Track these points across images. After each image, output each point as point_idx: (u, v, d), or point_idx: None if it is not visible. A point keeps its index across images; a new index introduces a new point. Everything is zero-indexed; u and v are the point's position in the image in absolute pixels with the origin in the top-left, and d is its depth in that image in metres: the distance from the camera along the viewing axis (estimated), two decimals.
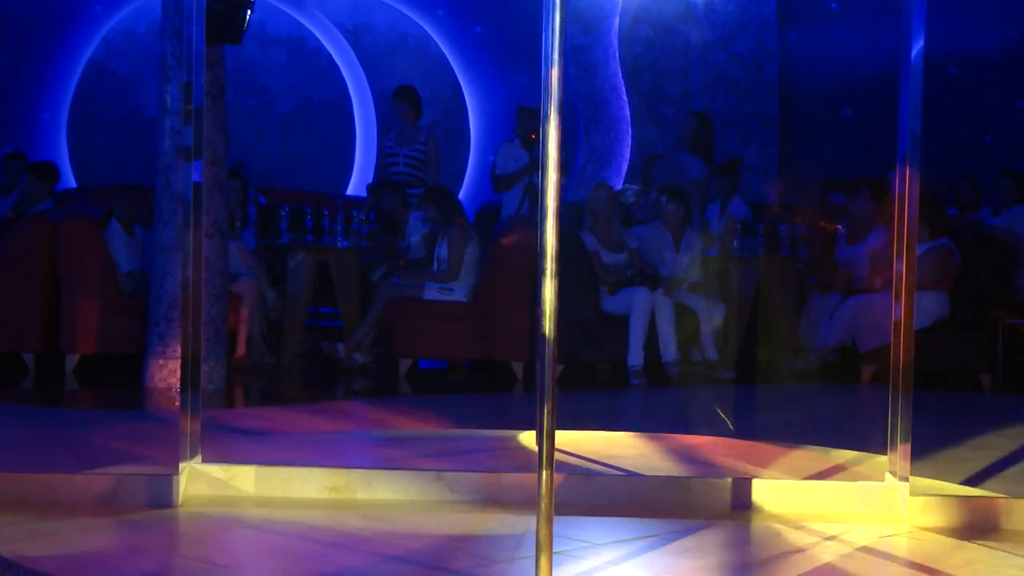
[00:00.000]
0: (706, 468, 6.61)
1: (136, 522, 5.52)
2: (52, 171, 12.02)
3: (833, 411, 9.45)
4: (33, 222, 10.73)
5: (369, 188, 12.61)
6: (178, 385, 6.21)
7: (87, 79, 15.35)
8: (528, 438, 7.14)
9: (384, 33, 15.94)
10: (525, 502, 5.60)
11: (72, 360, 10.18)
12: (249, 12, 8.37)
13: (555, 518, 4.43)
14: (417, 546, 5.20)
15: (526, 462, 5.92)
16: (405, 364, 10.55)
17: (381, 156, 13.08)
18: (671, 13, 15.14)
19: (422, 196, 11.38)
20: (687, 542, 5.39)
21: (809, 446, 7.29)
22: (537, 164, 3.94)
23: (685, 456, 6.91)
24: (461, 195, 15.03)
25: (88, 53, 15.29)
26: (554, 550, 4.46)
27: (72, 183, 14.73)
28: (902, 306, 5.75)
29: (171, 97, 9.10)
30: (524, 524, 5.34)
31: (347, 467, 6.09)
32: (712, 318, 10.85)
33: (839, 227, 11.65)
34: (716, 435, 7.69)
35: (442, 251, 10.85)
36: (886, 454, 6.01)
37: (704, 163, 12.60)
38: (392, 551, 5.12)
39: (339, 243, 11.19)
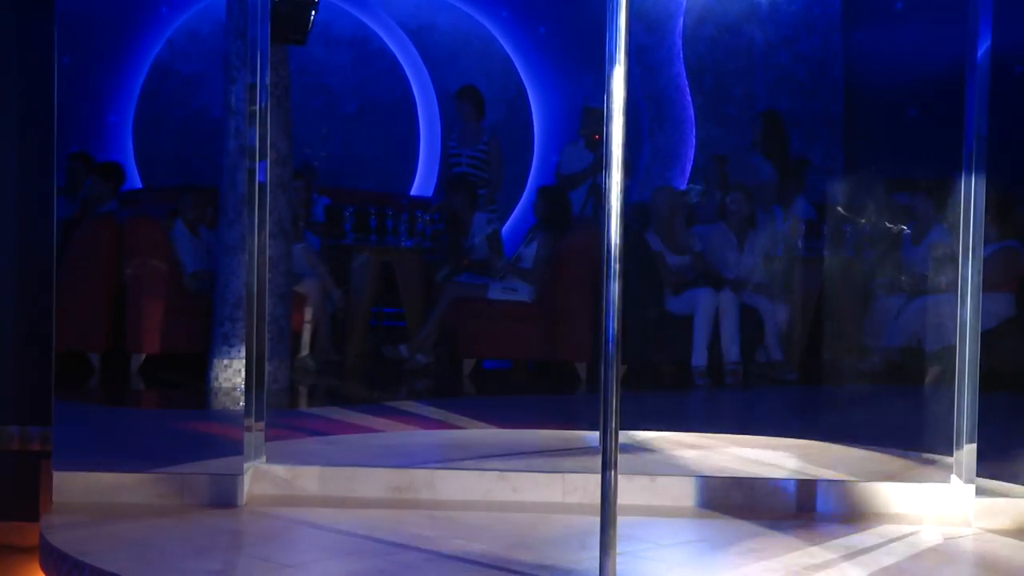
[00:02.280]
0: (770, 469, 6.58)
1: (201, 522, 5.55)
2: (118, 171, 12.08)
3: (898, 412, 9.38)
4: (99, 222, 10.79)
5: (438, 187, 12.62)
6: (242, 385, 6.23)
7: (152, 80, 15.42)
8: (592, 439, 7.13)
9: (448, 33, 15.94)
10: (589, 503, 5.60)
11: (137, 360, 10.24)
12: (313, 13, 8.40)
13: (619, 519, 4.42)
14: (481, 546, 5.20)
15: (590, 463, 5.91)
16: (468, 364, 10.55)
17: (444, 156, 13.07)
18: (735, 13, 15.06)
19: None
20: (752, 543, 5.37)
21: (874, 447, 7.24)
22: (601, 164, 3.93)
23: (749, 457, 6.88)
24: (524, 195, 15.01)
25: (153, 54, 15.36)
26: (618, 551, 4.45)
27: (138, 183, 14.81)
28: (968, 307, 5.71)
29: (236, 98, 9.13)
30: (588, 525, 5.33)
31: (410, 467, 6.10)
32: (776, 319, 10.79)
33: (904, 227, 11.56)
34: (780, 436, 7.65)
35: (530, 250, 10.82)
36: (951, 456, 5.96)
37: (774, 165, 12.53)
38: (455, 551, 5.12)
39: (403, 243, 11.20)
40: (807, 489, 5.92)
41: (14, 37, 6.71)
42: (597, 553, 4.44)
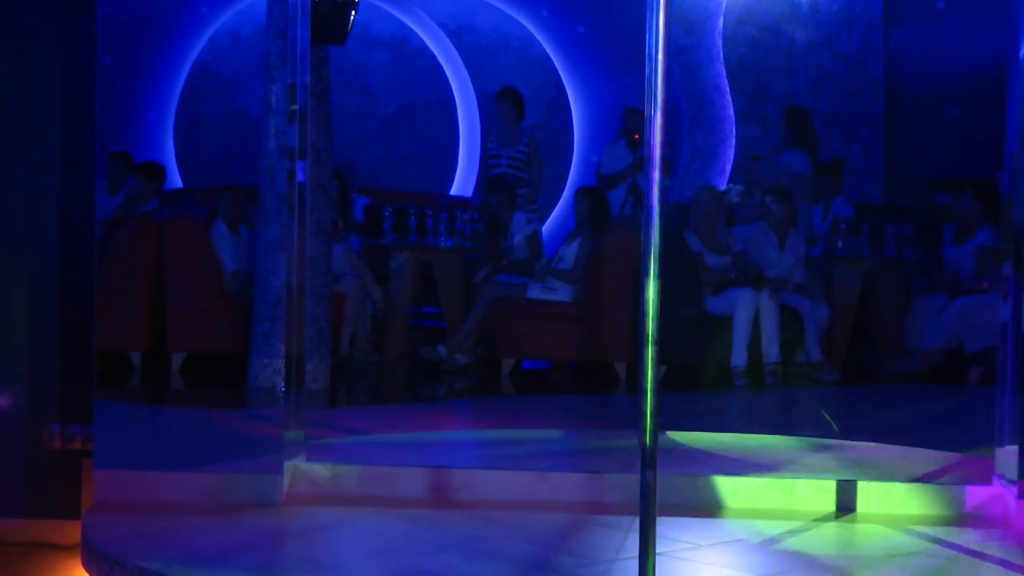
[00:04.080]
0: (810, 469, 6.56)
1: (241, 520, 5.57)
2: (159, 171, 12.12)
3: (939, 413, 9.35)
4: (139, 222, 10.84)
5: (477, 187, 12.63)
6: (282, 384, 6.24)
7: (193, 80, 15.47)
8: (631, 439, 7.12)
9: (487, 34, 15.95)
10: (628, 503, 5.59)
11: (178, 359, 10.27)
12: (353, 13, 8.41)
13: (658, 518, 4.41)
14: (520, 546, 5.20)
15: (629, 463, 5.90)
16: (508, 364, 10.56)
17: (484, 157, 13.09)
18: (776, 14, 15.03)
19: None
20: (792, 544, 5.35)
21: (915, 448, 7.21)
22: (641, 164, 3.93)
23: (789, 457, 6.86)
24: (564, 196, 15.02)
25: (194, 54, 15.41)
26: (657, 551, 4.44)
27: (178, 183, 14.87)
28: (1010, 307, 5.68)
29: (276, 98, 9.15)
30: (627, 525, 5.33)
31: (450, 467, 6.11)
32: (817, 319, 10.76)
33: (946, 227, 11.52)
34: (821, 436, 7.62)
35: (570, 251, 10.82)
36: (993, 457, 5.93)
37: (807, 156, 12.50)
38: (495, 551, 5.12)
39: (442, 243, 11.21)
40: (847, 490, 5.90)
41: (57, 37, 6.75)
42: (636, 553, 4.43)
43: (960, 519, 5.79)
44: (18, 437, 6.49)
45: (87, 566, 5.28)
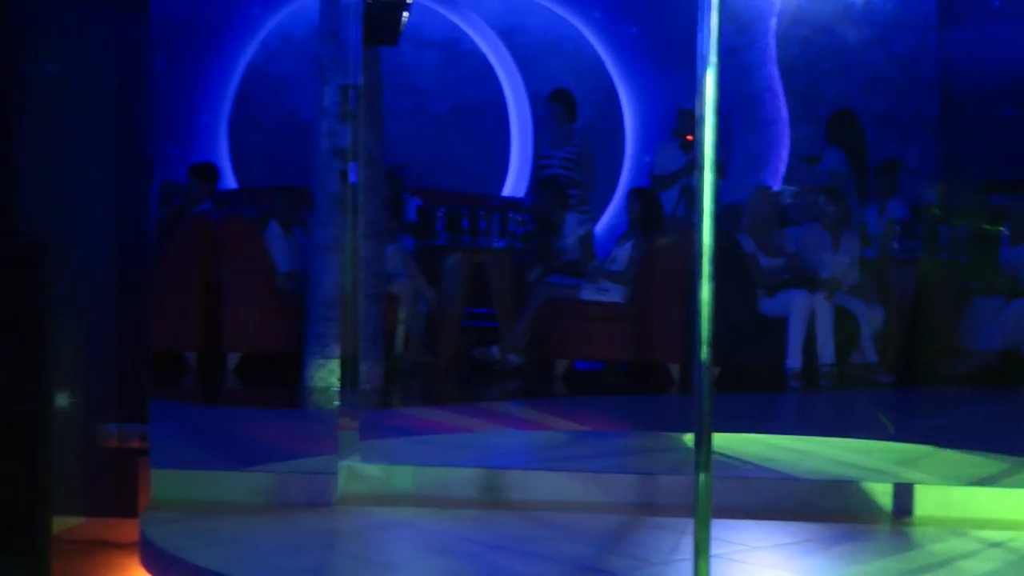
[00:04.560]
0: (865, 472, 6.53)
1: (296, 519, 5.59)
2: (212, 172, 12.17)
3: (996, 415, 9.28)
4: (193, 223, 10.89)
5: (529, 188, 12.63)
6: (336, 385, 6.26)
7: (246, 81, 15.54)
8: (684, 440, 7.10)
9: (539, 35, 15.95)
10: (681, 504, 5.58)
11: (233, 359, 10.31)
12: (405, 14, 8.43)
13: (712, 520, 4.40)
14: (573, 547, 5.20)
15: (682, 464, 5.88)
16: (560, 365, 10.55)
17: (536, 158, 13.09)
18: (828, 14, 14.97)
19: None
20: (846, 547, 5.33)
21: (972, 451, 7.16)
22: (694, 165, 3.93)
23: (844, 460, 6.83)
24: (616, 197, 15.00)
25: (247, 56, 15.47)
26: (711, 552, 4.43)
27: (232, 184, 14.93)
28: None
29: (328, 99, 9.17)
30: (681, 526, 5.32)
31: (503, 468, 6.11)
32: (871, 320, 10.71)
33: (1002, 228, 11.44)
34: (876, 439, 7.58)
35: (623, 252, 10.81)
36: None
37: (842, 154, 12.44)
38: (547, 552, 5.12)
39: (495, 244, 11.21)
40: (904, 493, 5.87)
41: (111, 39, 6.78)
42: (690, 555, 4.42)
43: (1019, 523, 5.74)
44: (76, 436, 6.53)
45: (145, 564, 5.31)
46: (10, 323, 5.85)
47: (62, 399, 6.45)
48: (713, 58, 4.37)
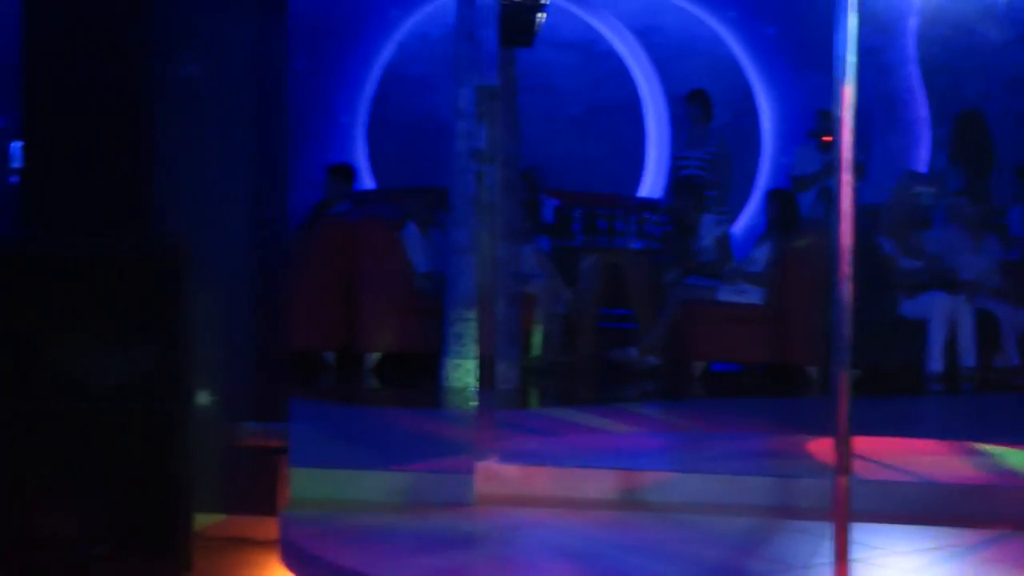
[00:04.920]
0: (1010, 477, 6.43)
1: (433, 519, 5.61)
2: (351, 172, 12.27)
3: None
4: (332, 223, 10.98)
5: (666, 189, 12.60)
6: (473, 385, 6.28)
7: (383, 83, 15.64)
8: (823, 443, 7.04)
9: (675, 35, 15.90)
10: (820, 508, 5.53)
11: (371, 359, 10.39)
12: (541, 15, 8.43)
13: (853, 525, 4.36)
14: (710, 550, 5.17)
15: (821, 467, 5.83)
16: (698, 366, 10.51)
17: (673, 159, 13.07)
18: (970, 13, 14.77)
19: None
20: (990, 553, 5.25)
21: None
22: (832, 166, 3.90)
23: (987, 464, 6.74)
24: (753, 198, 14.93)
25: (384, 57, 15.58)
26: (852, 557, 4.39)
27: (370, 185, 15.04)
28: None
29: (464, 100, 9.21)
30: (819, 530, 5.26)
31: (640, 469, 6.09)
32: (1014, 323, 10.55)
33: None
34: (1021, 444, 7.45)
35: (762, 253, 10.75)
36: None
37: (960, 171, 12.31)
38: (685, 554, 5.10)
39: (631, 245, 11.19)
40: None
41: (250, 41, 6.86)
42: (830, 559, 4.39)
43: None
44: (216, 435, 6.60)
45: (285, 562, 5.36)
46: (152, 322, 5.94)
47: (203, 398, 6.54)
48: (851, 58, 4.33)
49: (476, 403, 6.18)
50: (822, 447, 6.96)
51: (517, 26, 8.30)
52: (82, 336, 5.89)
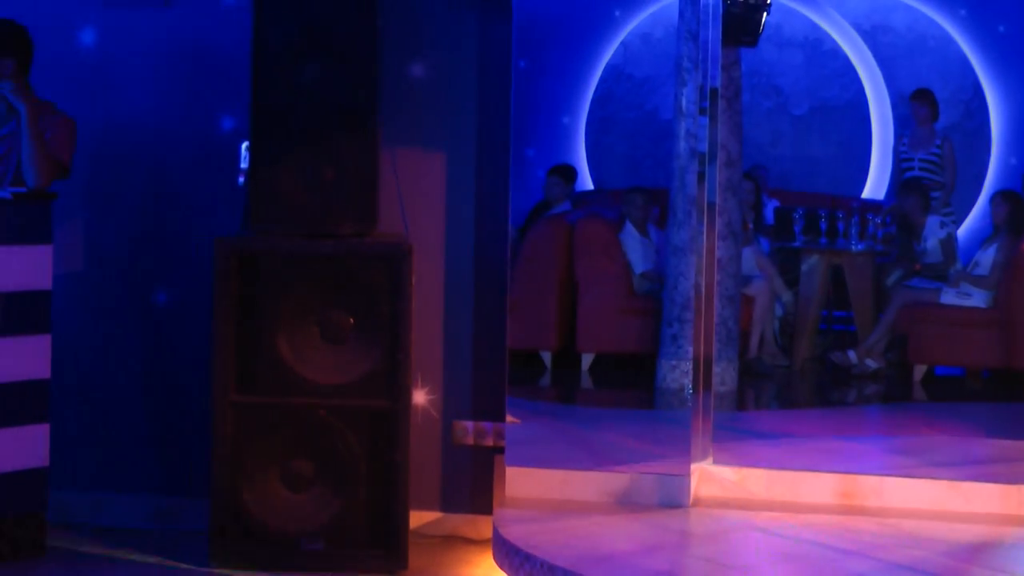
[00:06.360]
0: None
1: (648, 520, 5.60)
2: (572, 173, 12.30)
3: None
4: (551, 223, 11.02)
5: (890, 190, 12.44)
6: (690, 386, 6.25)
7: (605, 82, 15.64)
8: None
9: (903, 34, 15.65)
10: None
11: (587, 359, 10.40)
12: (765, 14, 8.37)
13: None
14: (929, 556, 5.09)
15: None
16: (920, 370, 10.33)
17: (896, 160, 12.88)
18: None
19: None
20: None
21: None
22: None
23: None
24: (980, 199, 14.64)
25: (606, 57, 15.59)
26: None
27: (589, 185, 15.06)
28: None
29: (686, 100, 9.17)
30: None
31: (858, 473, 6.01)
32: None
33: None
34: None
35: (987, 256, 10.55)
36: None
37: None
38: (904, 560, 5.02)
39: (853, 246, 11.06)
40: None
41: (474, 41, 6.93)
42: None
43: None
44: (434, 433, 6.67)
45: (498, 560, 5.40)
46: (375, 322, 6.02)
47: (420, 396, 6.61)
48: None
49: (692, 405, 6.15)
50: None
51: (741, 25, 8.26)
52: (310, 334, 6.00)
